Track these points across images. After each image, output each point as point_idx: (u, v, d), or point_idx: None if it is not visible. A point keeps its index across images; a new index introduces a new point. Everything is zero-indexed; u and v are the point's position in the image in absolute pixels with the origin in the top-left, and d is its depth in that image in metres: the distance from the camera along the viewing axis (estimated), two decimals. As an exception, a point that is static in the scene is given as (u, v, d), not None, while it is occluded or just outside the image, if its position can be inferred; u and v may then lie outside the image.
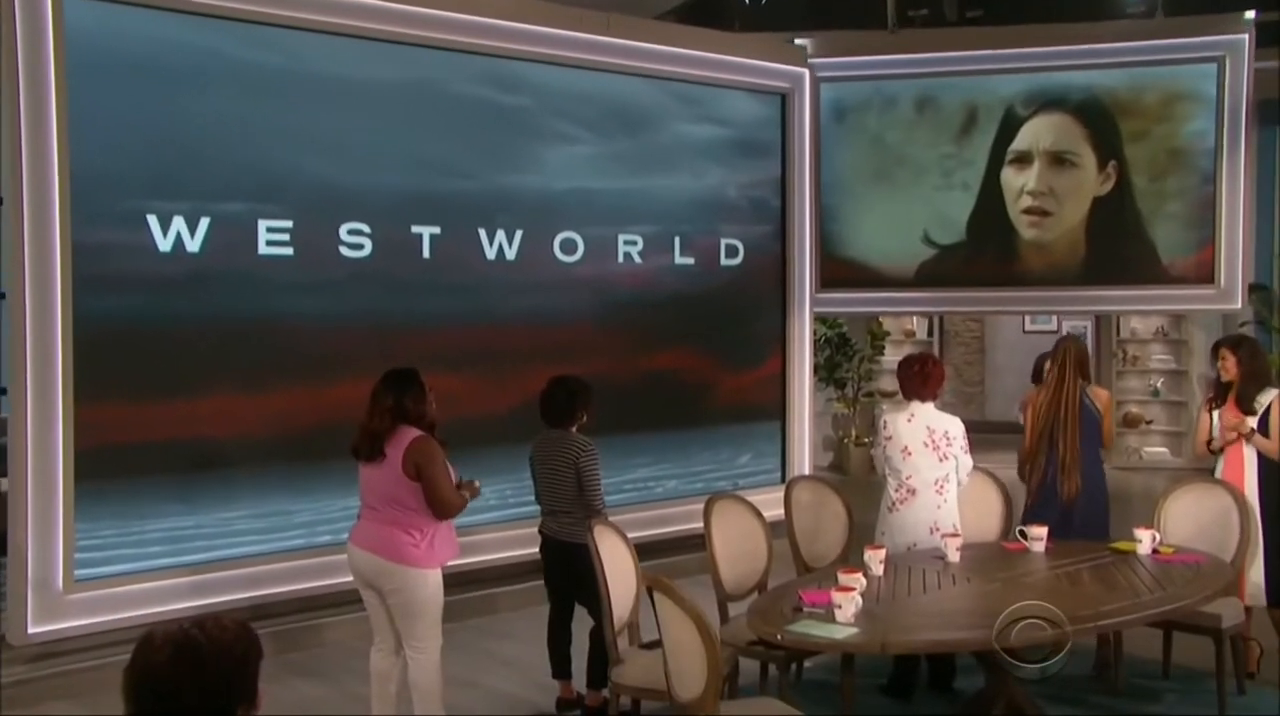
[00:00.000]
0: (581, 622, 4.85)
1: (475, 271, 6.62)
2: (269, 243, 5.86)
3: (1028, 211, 8.61)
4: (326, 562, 5.86)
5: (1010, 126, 8.60)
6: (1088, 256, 8.55)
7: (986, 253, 8.64)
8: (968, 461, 5.02)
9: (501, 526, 6.57)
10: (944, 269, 8.67)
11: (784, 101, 8.11)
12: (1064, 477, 5.10)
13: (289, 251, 5.92)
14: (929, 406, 4.97)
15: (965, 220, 8.67)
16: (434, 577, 4.17)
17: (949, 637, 3.89)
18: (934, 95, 8.65)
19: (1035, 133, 8.58)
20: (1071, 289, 8.61)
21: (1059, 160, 8.57)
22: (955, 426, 4.99)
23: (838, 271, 8.66)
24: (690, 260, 7.61)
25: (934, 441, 4.93)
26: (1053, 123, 8.56)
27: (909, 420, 4.95)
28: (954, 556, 4.60)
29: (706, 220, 7.70)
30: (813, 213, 8.27)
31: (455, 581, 5.86)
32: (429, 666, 4.20)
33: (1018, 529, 4.96)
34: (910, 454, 4.93)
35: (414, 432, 4.11)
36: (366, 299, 6.18)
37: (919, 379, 4.96)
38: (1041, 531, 4.81)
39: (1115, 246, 8.52)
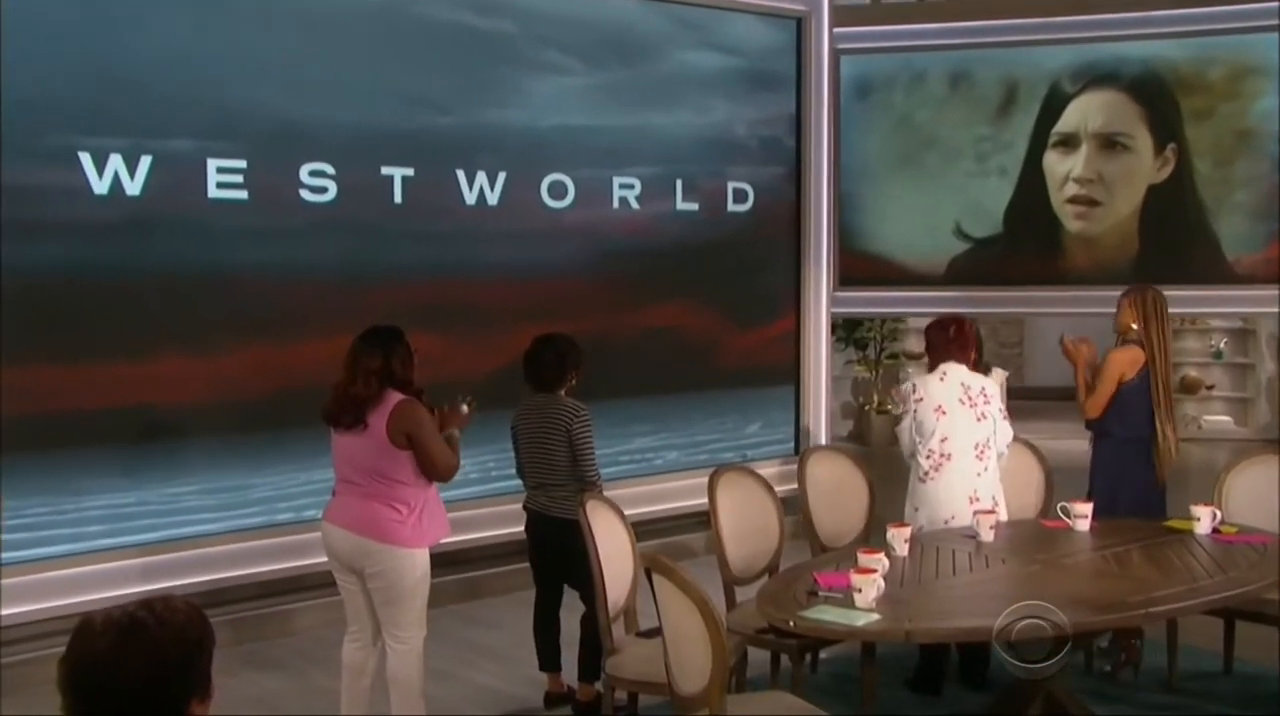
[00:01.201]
0: (572, 609, 4.86)
1: (453, 218, 6.60)
2: (220, 185, 5.82)
3: (1073, 200, 8.52)
4: (288, 543, 5.89)
5: (1055, 105, 8.49)
6: (1141, 252, 8.42)
7: (1026, 247, 8.58)
8: (1007, 429, 5.02)
9: (483, 502, 6.59)
10: (978, 265, 8.59)
11: (799, 27, 8.06)
12: (1164, 445, 5.15)
13: (243, 195, 5.88)
14: (962, 367, 4.98)
15: (1002, 211, 8.60)
16: (422, 559, 4.18)
17: (981, 625, 3.81)
18: (969, 69, 8.57)
19: (1083, 112, 8.47)
20: (1122, 289, 8.42)
21: (1110, 143, 8.46)
22: (992, 385, 5.01)
23: (858, 267, 8.59)
24: (694, 206, 7.61)
25: (970, 398, 4.94)
26: (1103, 100, 8.44)
27: (941, 378, 4.96)
28: (987, 535, 4.59)
29: (712, 161, 7.67)
30: (830, 151, 8.20)
31: (433, 563, 5.89)
32: (411, 658, 4.21)
33: (1059, 505, 4.96)
34: (944, 413, 4.93)
35: (396, 397, 4.11)
36: (331, 249, 6.16)
37: (956, 343, 4.97)
38: (1086, 508, 4.81)
39: (1173, 241, 8.38)
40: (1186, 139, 8.38)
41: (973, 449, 4.93)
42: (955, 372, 4.95)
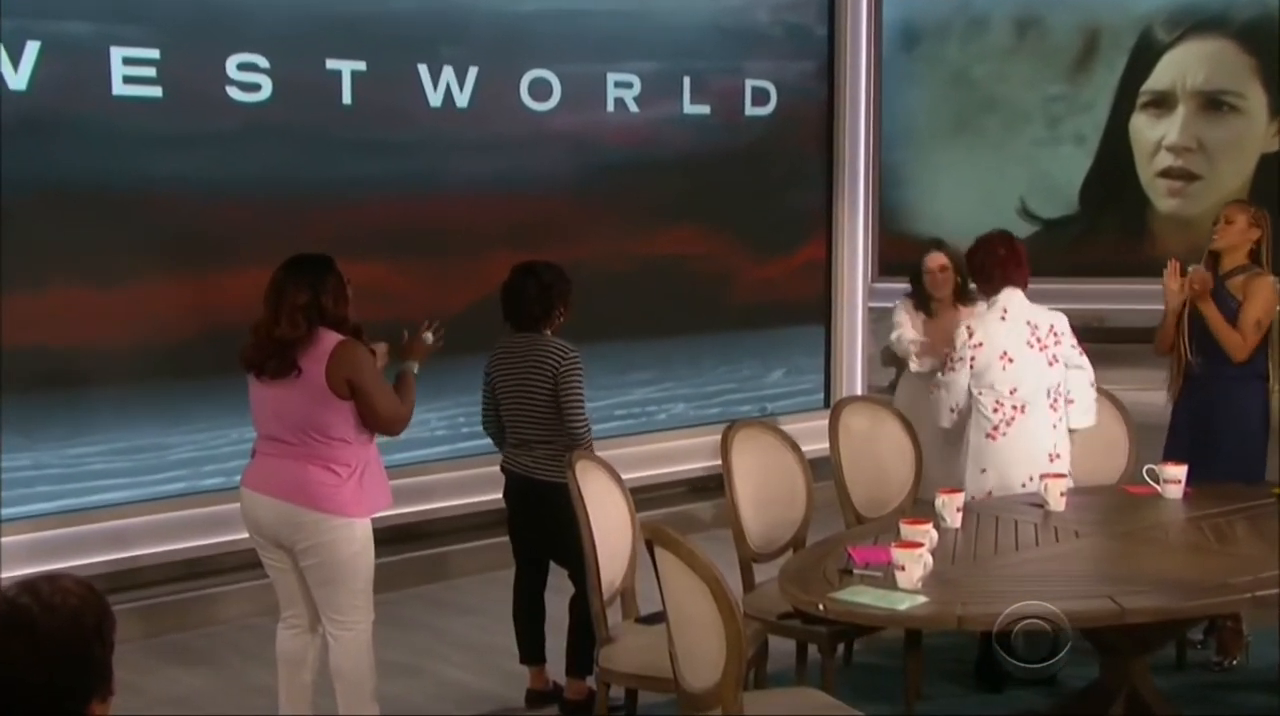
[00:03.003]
0: (559, 591, 4.86)
1: (414, 123, 6.58)
2: (127, 80, 5.76)
3: (1166, 174, 8.42)
4: (216, 514, 5.89)
5: (1145, 57, 8.40)
6: None
7: (1106, 231, 8.51)
8: (1085, 367, 5.00)
9: (452, 464, 6.60)
10: (1047, 253, 8.38)
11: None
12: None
13: (155, 92, 5.84)
14: (1019, 295, 4.97)
15: (1078, 186, 8.52)
16: (363, 529, 4.19)
17: (1049, 611, 3.84)
18: (1040, 15, 8.49)
19: (1181, 65, 8.36)
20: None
21: (1213, 103, 8.35)
22: (1061, 320, 5.00)
23: (903, 253, 8.39)
24: (704, 109, 7.58)
25: (1039, 339, 4.94)
26: (1206, 51, 8.32)
27: (1002, 317, 4.96)
28: (1057, 503, 4.59)
29: (727, 54, 7.63)
30: (871, 115, 8.09)
31: (392, 537, 5.99)
32: (357, 648, 4.23)
33: (1146, 468, 4.93)
34: (1011, 360, 4.94)
35: (333, 338, 4.12)
36: (264, 159, 6.13)
37: (1011, 261, 4.96)
38: (1179, 471, 4.78)
39: None
40: None
41: (1047, 398, 4.94)
42: (1018, 307, 4.95)
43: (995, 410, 4.95)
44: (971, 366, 4.97)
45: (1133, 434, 5.48)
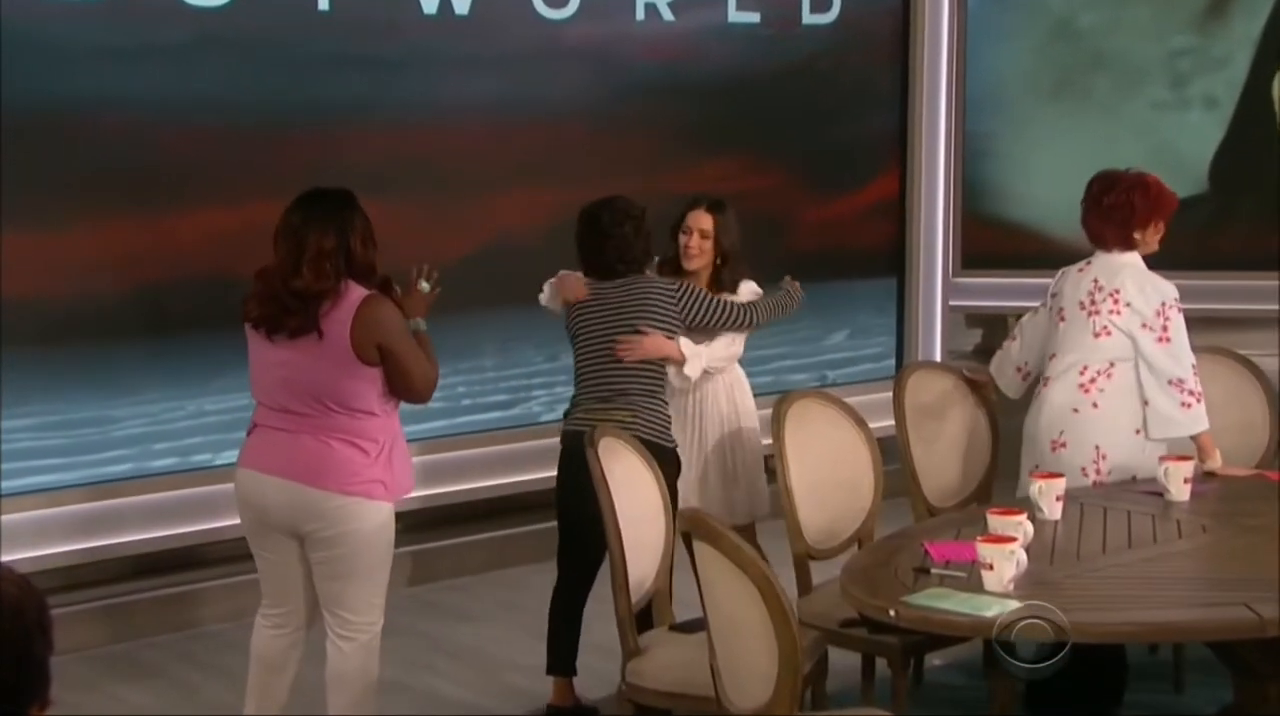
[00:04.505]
0: (600, 600, 4.83)
1: (403, 34, 6.57)
2: (61, -20, 5.75)
3: None
4: (172, 501, 5.93)
5: None
6: None
7: (1243, 214, 8.37)
8: (1158, 366, 4.91)
9: (449, 443, 6.63)
10: (1169, 240, 8.31)
11: None
12: None
13: (95, -5, 5.83)
14: (1114, 255, 5.02)
15: (1209, 159, 8.37)
16: (389, 515, 4.32)
17: (1171, 619, 3.86)
18: None
19: None
20: None
21: None
22: (1149, 290, 4.95)
23: (990, 242, 8.44)
24: (753, 17, 7.57)
25: (1094, 302, 4.97)
26: None
27: (1081, 269, 5.11)
28: (1180, 492, 4.63)
29: (781, -52, 7.64)
30: (953, 73, 8.16)
31: None
32: (368, 653, 4.36)
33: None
34: (1064, 319, 5.08)
35: (358, 292, 4.22)
36: (223, 77, 6.11)
37: (1101, 211, 5.05)
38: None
39: None
40: None
41: (1076, 375, 4.98)
42: (1100, 262, 5.07)
43: (1020, 371, 5.21)
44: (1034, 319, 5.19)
45: (1275, 409, 5.45)
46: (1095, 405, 4.93)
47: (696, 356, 5.07)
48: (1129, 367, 4.94)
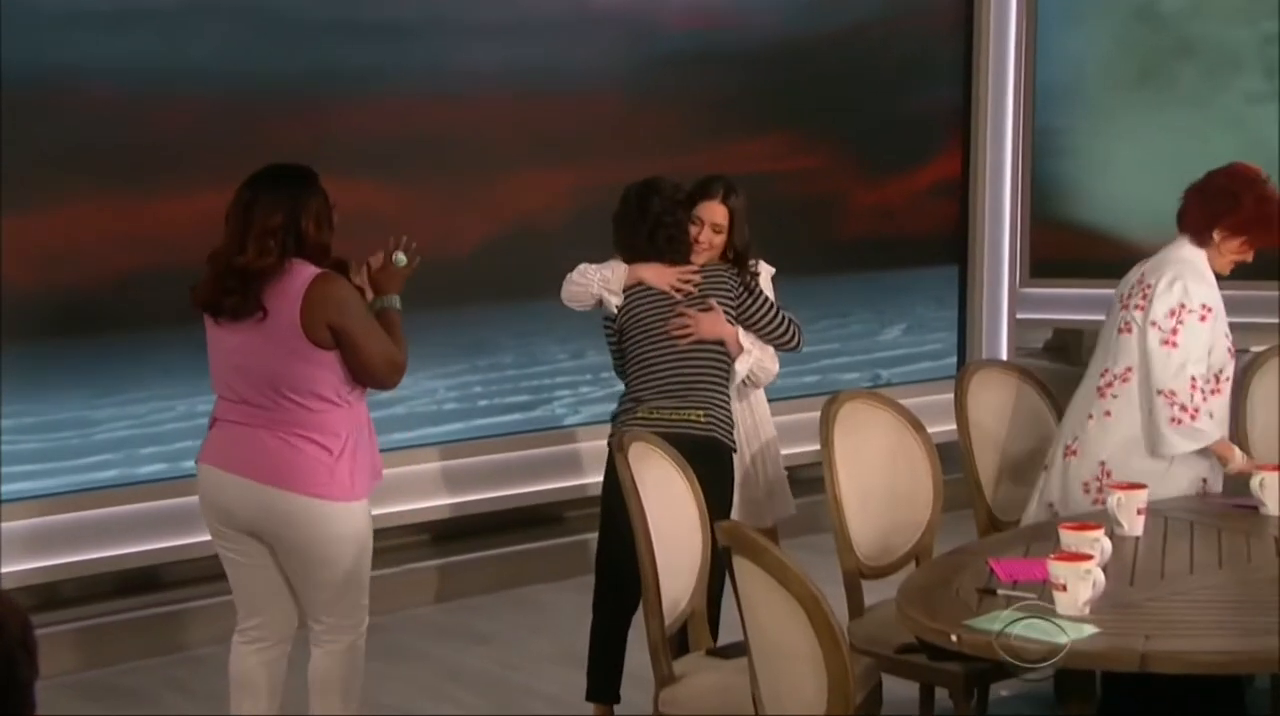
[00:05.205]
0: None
1: None
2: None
3: None
4: (158, 511, 5.91)
5: None
6: None
7: None
8: (1155, 374, 4.82)
9: (467, 448, 6.64)
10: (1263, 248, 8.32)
11: None
12: None
13: (72, -44, 5.85)
14: (1186, 242, 4.97)
15: None
16: (362, 512, 4.35)
17: (1267, 647, 3.71)
18: None
19: None
20: None
21: None
22: (1173, 291, 4.87)
23: (1063, 247, 8.47)
24: None
25: (1129, 295, 4.98)
26: None
27: (1141, 262, 5.14)
28: (1275, 506, 4.59)
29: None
30: (1023, 61, 8.17)
31: (381, 545, 5.90)
32: (354, 655, 4.40)
33: None
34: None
35: (308, 271, 4.25)
36: (218, 45, 6.12)
37: (1259, 218, 4.95)
38: None
39: None
40: None
41: (1096, 378, 5.00)
42: (1161, 253, 5.07)
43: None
44: None
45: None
46: (1108, 413, 4.93)
47: (748, 354, 5.07)
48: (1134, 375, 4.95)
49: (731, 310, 5.05)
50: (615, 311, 5.05)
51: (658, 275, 5.00)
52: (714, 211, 5.18)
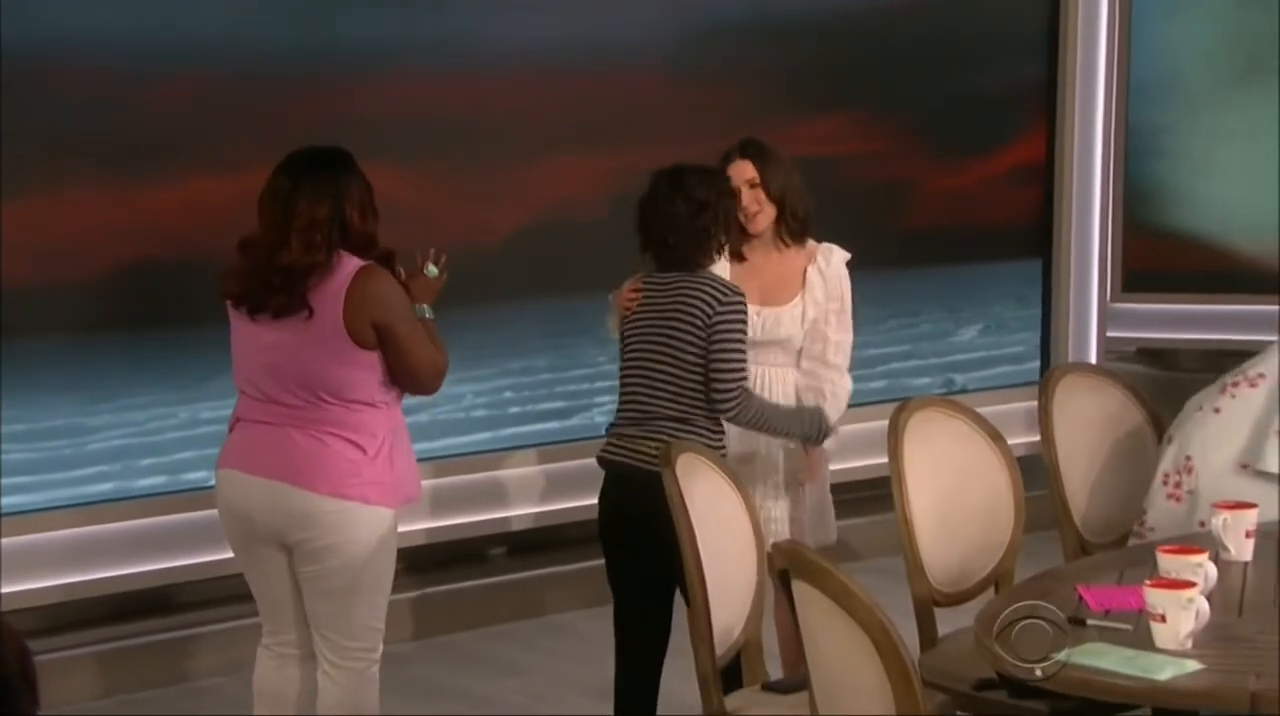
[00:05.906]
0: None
1: None
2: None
3: None
4: (163, 527, 5.97)
5: None
6: None
7: None
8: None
9: (494, 460, 6.67)
10: None
11: None
12: None
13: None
14: None
15: None
16: (391, 523, 4.44)
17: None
18: None
19: None
20: None
21: None
22: None
23: (1159, 257, 8.51)
24: None
25: None
26: None
27: None
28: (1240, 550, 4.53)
29: None
30: (1116, 55, 8.25)
31: (399, 566, 5.97)
32: (365, 686, 4.45)
33: None
34: None
35: (353, 263, 4.34)
36: (219, 17, 6.16)
37: None
38: None
39: None
40: None
41: (1230, 376, 5.03)
42: None
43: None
44: None
45: None
46: (1217, 410, 4.93)
47: (836, 433, 5.28)
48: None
49: (702, 330, 4.82)
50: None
51: (621, 298, 4.96)
52: (741, 170, 5.22)
